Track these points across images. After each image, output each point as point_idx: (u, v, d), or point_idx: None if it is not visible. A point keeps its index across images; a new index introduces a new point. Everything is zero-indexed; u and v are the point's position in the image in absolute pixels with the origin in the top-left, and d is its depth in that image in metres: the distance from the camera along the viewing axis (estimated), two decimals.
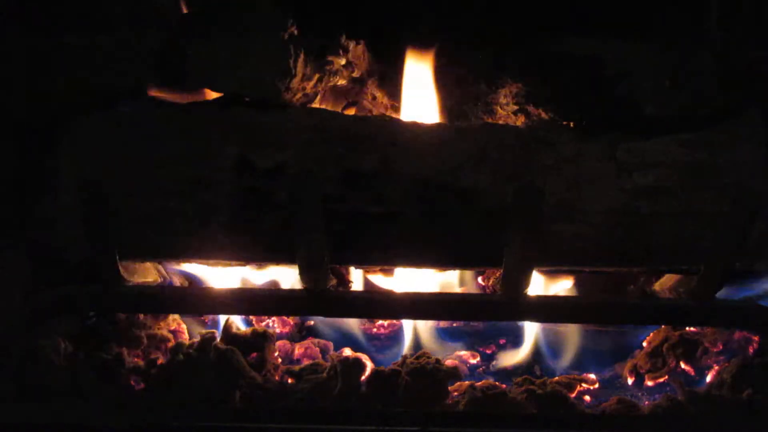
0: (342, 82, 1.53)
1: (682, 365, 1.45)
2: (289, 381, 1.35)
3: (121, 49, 1.41)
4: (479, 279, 1.64)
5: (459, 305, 1.28)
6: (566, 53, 1.39)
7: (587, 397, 1.40)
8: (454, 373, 1.33)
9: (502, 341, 1.58)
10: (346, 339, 1.56)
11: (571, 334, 1.54)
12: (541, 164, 1.24)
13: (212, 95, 1.38)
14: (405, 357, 1.37)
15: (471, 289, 1.61)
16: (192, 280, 1.52)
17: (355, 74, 1.53)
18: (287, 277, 1.52)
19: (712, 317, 1.27)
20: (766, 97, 1.33)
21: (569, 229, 1.22)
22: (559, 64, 1.39)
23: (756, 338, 1.42)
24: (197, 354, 1.31)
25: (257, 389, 1.29)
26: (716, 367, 1.42)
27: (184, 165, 1.23)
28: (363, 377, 1.31)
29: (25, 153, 1.37)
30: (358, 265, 1.40)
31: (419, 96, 1.48)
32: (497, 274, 1.25)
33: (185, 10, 1.44)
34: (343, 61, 1.49)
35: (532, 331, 1.54)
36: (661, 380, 1.45)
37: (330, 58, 1.48)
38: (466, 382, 1.35)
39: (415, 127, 1.30)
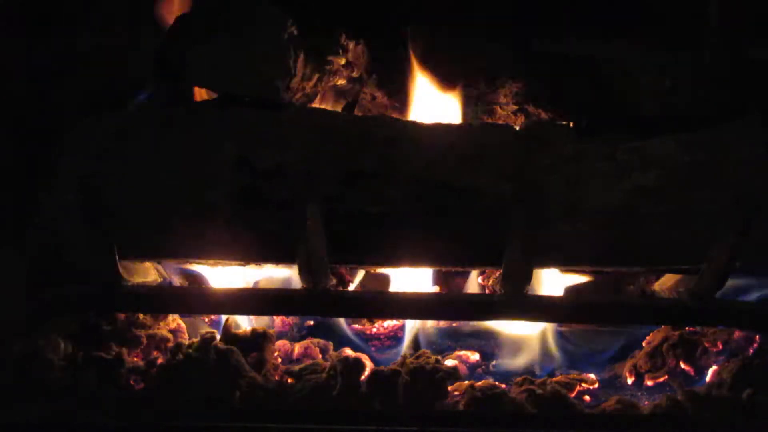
0: (342, 82, 1.53)
1: (682, 365, 1.45)
2: (289, 381, 1.35)
3: (121, 51, 1.41)
4: (479, 279, 1.64)
5: (459, 305, 1.28)
6: (566, 53, 1.39)
7: (587, 397, 1.40)
8: (453, 373, 1.33)
9: (501, 341, 1.58)
10: (346, 339, 1.56)
11: (571, 333, 1.53)
12: (541, 164, 1.24)
13: (212, 95, 1.38)
14: (405, 357, 1.37)
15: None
16: (192, 280, 1.51)
17: (355, 74, 1.53)
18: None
19: (712, 317, 1.27)
20: (766, 97, 1.33)
21: (569, 228, 1.22)
22: (559, 64, 1.39)
23: (756, 338, 1.41)
24: (197, 354, 1.31)
25: (257, 389, 1.29)
26: (716, 367, 1.41)
27: (184, 165, 1.23)
28: (363, 377, 1.31)
29: (25, 153, 1.37)
30: (358, 265, 1.40)
31: (419, 96, 1.48)
32: (497, 274, 1.25)
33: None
34: (342, 61, 1.49)
35: (532, 331, 1.54)
36: (661, 380, 1.45)
37: (330, 58, 1.48)
38: (466, 382, 1.35)
39: (415, 126, 1.30)
